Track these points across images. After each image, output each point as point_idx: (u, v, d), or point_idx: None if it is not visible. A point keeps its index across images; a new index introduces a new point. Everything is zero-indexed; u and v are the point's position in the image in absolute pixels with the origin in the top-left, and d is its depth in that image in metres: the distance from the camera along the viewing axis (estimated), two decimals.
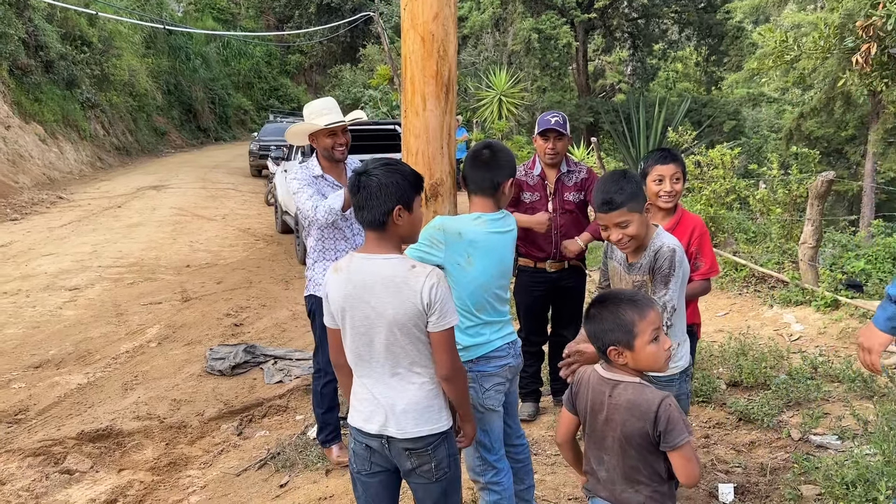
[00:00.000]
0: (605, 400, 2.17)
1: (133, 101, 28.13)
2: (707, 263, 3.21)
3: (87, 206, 15.32)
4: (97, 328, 7.19)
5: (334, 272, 2.39)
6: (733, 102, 22.03)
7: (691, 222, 3.22)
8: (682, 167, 3.23)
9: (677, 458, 2.12)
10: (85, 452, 4.62)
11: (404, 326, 2.28)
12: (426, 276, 2.27)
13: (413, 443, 2.34)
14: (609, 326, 2.16)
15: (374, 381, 2.37)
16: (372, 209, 2.29)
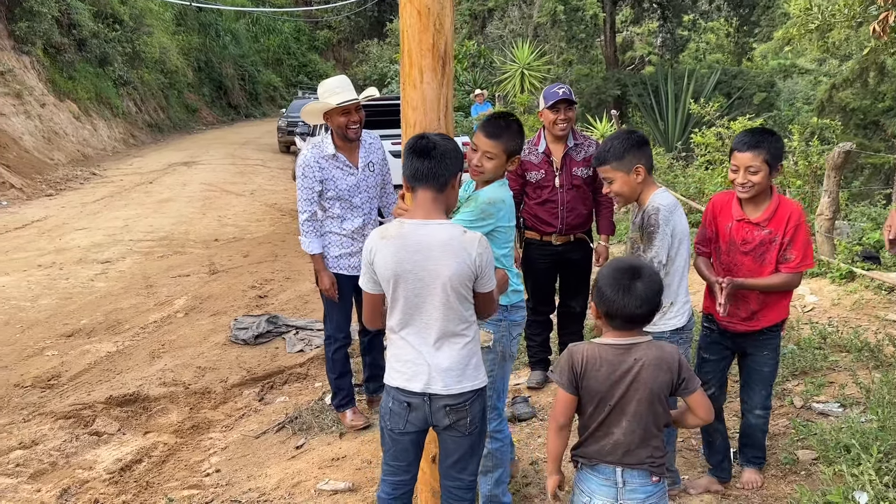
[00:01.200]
0: (628, 365, 2.20)
1: (164, 79, 28.47)
2: (798, 256, 2.98)
3: (120, 182, 15.68)
4: (127, 299, 7.44)
5: (382, 239, 2.47)
6: (765, 74, 21.59)
7: (787, 210, 2.98)
8: (765, 154, 2.88)
9: (697, 398, 2.29)
10: (113, 416, 4.85)
11: (456, 287, 2.43)
12: (478, 241, 2.45)
13: (454, 399, 2.50)
14: (660, 288, 2.27)
15: (422, 342, 2.49)
16: (443, 168, 2.44)
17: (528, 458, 3.77)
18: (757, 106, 19.12)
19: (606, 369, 2.22)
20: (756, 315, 3.09)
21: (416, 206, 2.50)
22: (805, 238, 2.98)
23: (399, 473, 2.65)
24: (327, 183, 4.08)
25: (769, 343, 3.16)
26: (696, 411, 2.29)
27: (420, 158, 2.44)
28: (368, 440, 4.20)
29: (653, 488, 2.26)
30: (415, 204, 2.51)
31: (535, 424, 4.19)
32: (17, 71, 18.53)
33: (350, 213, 4.15)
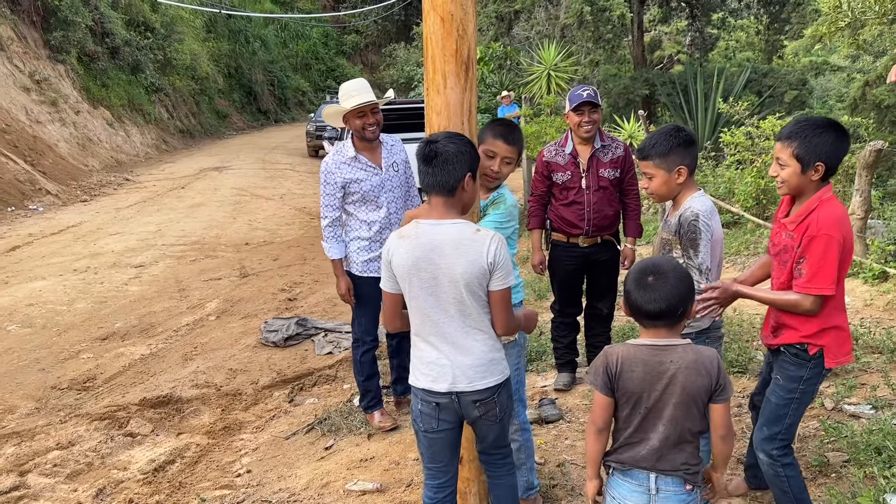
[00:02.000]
0: (665, 367, 2.18)
1: (195, 85, 28.92)
2: (807, 274, 2.54)
3: (152, 188, 15.95)
4: (160, 303, 7.58)
5: (399, 238, 2.53)
6: (796, 71, 21.26)
7: (814, 217, 2.54)
8: (794, 148, 2.55)
9: (726, 409, 2.25)
10: (147, 417, 4.94)
11: (469, 285, 2.46)
12: (490, 238, 2.47)
13: (480, 394, 2.55)
14: (685, 287, 2.22)
15: (442, 341, 2.54)
16: (447, 175, 2.47)
17: (555, 460, 3.78)
18: (788, 104, 18.83)
19: (642, 369, 2.19)
20: (778, 329, 2.76)
21: (430, 208, 2.55)
22: (821, 254, 2.50)
23: (439, 475, 2.70)
24: (351, 185, 4.13)
25: (784, 366, 2.72)
26: (715, 421, 2.24)
27: (425, 166, 2.49)
28: (396, 441, 4.24)
29: (686, 497, 2.22)
30: (430, 206, 2.56)
31: (561, 426, 4.19)
32: (53, 79, 18.96)
33: (375, 214, 4.20)
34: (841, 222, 2.52)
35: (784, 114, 16.03)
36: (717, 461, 2.33)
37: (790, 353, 2.68)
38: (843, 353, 2.66)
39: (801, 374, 2.66)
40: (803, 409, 2.72)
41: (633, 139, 12.26)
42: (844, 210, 2.60)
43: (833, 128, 2.54)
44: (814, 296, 2.53)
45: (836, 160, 2.54)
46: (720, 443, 2.27)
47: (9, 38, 17.63)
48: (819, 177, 2.54)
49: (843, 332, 2.65)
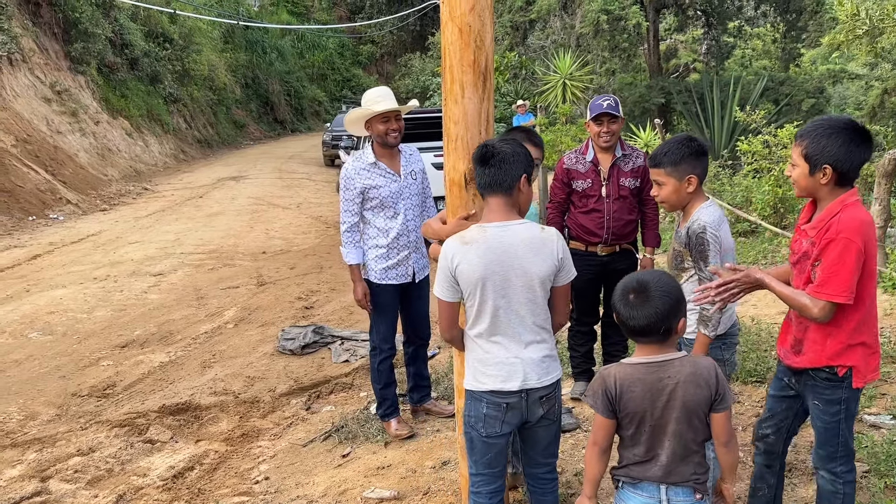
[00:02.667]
0: (664, 383, 2.16)
1: (213, 95, 29.21)
2: (820, 278, 2.40)
3: (171, 197, 16.11)
4: (179, 311, 7.65)
5: (464, 244, 2.52)
6: (813, 80, 21.17)
7: (835, 221, 2.41)
8: (803, 148, 2.44)
9: (726, 417, 2.23)
10: (166, 424, 4.99)
11: (544, 282, 2.54)
12: (556, 235, 2.59)
13: (547, 389, 2.60)
14: (668, 304, 2.17)
15: (512, 341, 2.57)
16: (504, 174, 2.52)
17: (573, 469, 3.78)
18: (806, 112, 18.74)
19: (641, 388, 2.18)
20: (801, 346, 2.58)
21: (490, 211, 2.58)
22: (836, 258, 2.35)
23: (493, 481, 2.71)
24: (370, 191, 4.18)
25: (818, 391, 2.56)
26: (716, 430, 2.23)
27: (482, 167, 2.53)
28: (413, 449, 4.25)
29: None
30: (488, 209, 2.59)
31: (578, 436, 4.19)
32: (73, 90, 19.23)
33: (393, 221, 4.23)
34: (863, 228, 2.37)
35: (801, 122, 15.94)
36: (726, 471, 2.31)
37: (820, 378, 2.53)
38: (870, 370, 2.53)
39: (838, 395, 2.51)
40: (852, 422, 2.59)
41: (648, 148, 12.24)
42: (869, 217, 2.45)
43: (848, 130, 2.37)
44: (823, 301, 2.35)
45: (846, 164, 2.36)
46: (725, 451, 2.27)
47: (30, 49, 17.90)
48: (828, 180, 2.39)
49: (870, 348, 2.50)
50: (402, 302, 4.40)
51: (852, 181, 2.44)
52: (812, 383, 2.56)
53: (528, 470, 2.79)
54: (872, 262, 2.42)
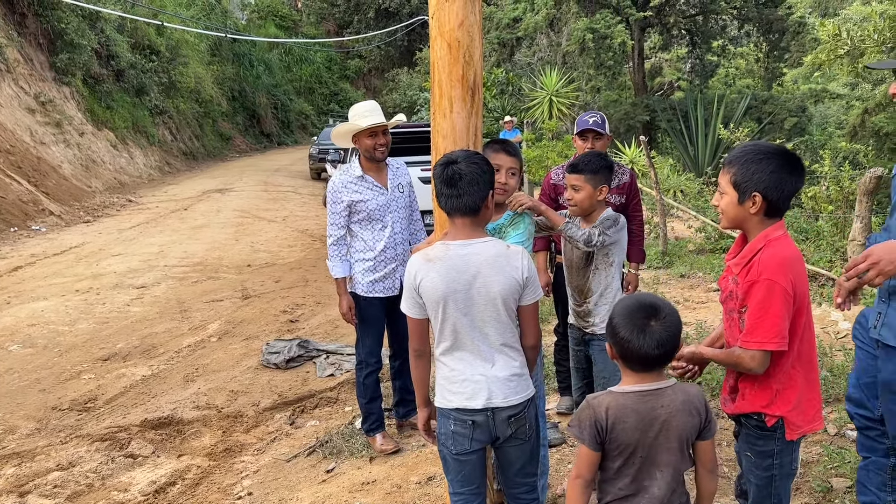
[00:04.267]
0: (657, 413, 2.07)
1: (199, 108, 29.16)
2: (747, 326, 2.23)
3: (155, 209, 16.02)
4: (162, 324, 7.58)
5: (427, 262, 2.50)
6: (795, 99, 21.48)
7: (757, 260, 2.25)
8: (731, 175, 2.30)
9: (713, 444, 2.17)
10: (147, 439, 4.93)
11: (506, 301, 2.50)
12: (521, 254, 2.54)
13: (514, 409, 2.55)
14: (680, 324, 2.10)
15: (476, 359, 2.54)
16: (472, 195, 2.48)
17: (559, 485, 3.76)
18: (788, 131, 18.99)
19: (634, 419, 2.06)
20: (736, 392, 2.41)
21: (455, 229, 2.55)
22: (762, 303, 2.18)
23: (471, 499, 2.67)
24: (358, 204, 4.18)
25: (750, 441, 2.39)
26: (702, 458, 2.17)
27: (449, 188, 2.48)
28: (398, 464, 4.22)
29: None
30: (454, 228, 2.56)
31: (565, 451, 4.18)
32: (58, 101, 19.12)
33: (381, 234, 4.23)
34: (787, 266, 2.19)
35: (784, 140, 16.16)
36: (704, 500, 2.24)
37: (751, 426, 2.35)
38: (807, 421, 2.32)
39: (770, 447, 2.33)
40: (789, 482, 2.41)
41: (634, 164, 12.34)
42: (796, 252, 2.26)
43: (778, 156, 2.22)
44: (754, 350, 2.19)
45: (776, 192, 2.20)
46: (709, 478, 2.20)
47: (15, 60, 17.81)
48: (757, 210, 2.23)
49: (802, 393, 2.29)
50: (388, 315, 4.39)
51: (782, 212, 2.27)
52: (745, 432, 2.39)
53: (507, 490, 2.75)
54: (804, 299, 2.25)
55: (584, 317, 3.50)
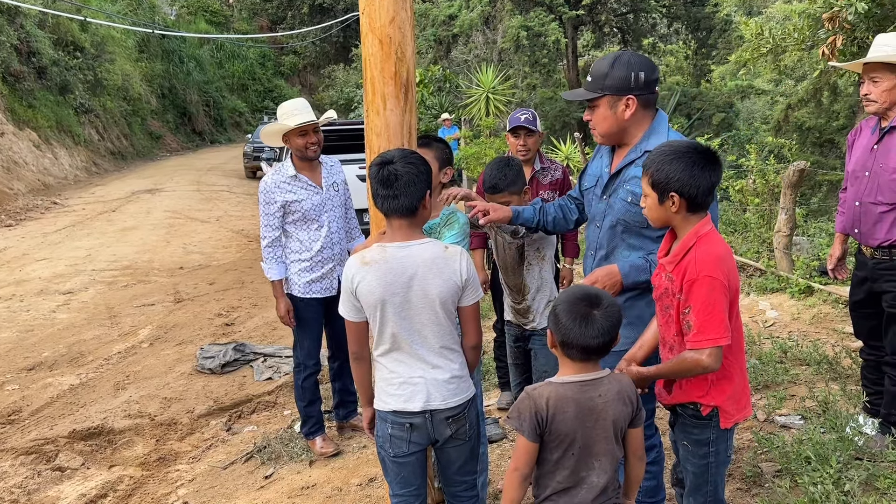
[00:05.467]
0: (594, 403, 2.10)
1: (127, 106, 28.22)
2: (696, 326, 2.23)
3: (82, 211, 15.44)
4: (90, 330, 7.31)
5: (364, 265, 2.45)
6: (723, 95, 22.14)
7: (691, 256, 2.27)
8: (648, 176, 2.31)
9: (642, 432, 2.22)
10: (76, 450, 4.75)
11: (445, 303, 2.46)
12: (460, 254, 2.51)
13: (453, 411, 2.53)
14: (621, 314, 2.15)
15: (416, 361, 2.51)
16: (409, 196, 2.43)
17: (500, 479, 3.78)
18: (716, 126, 19.56)
19: (574, 409, 2.08)
20: (672, 383, 2.45)
21: (392, 231, 2.50)
22: (705, 300, 2.20)
23: (411, 501, 2.64)
24: (292, 205, 4.09)
25: (687, 430, 2.43)
26: (632, 445, 2.21)
27: (386, 189, 2.43)
28: (339, 467, 4.17)
29: None
30: (391, 229, 2.51)
31: (505, 446, 4.20)
32: None
33: (317, 234, 4.16)
34: (722, 261, 2.24)
35: (712, 135, 16.62)
36: (633, 486, 2.29)
37: (687, 415, 2.40)
38: (739, 409, 2.39)
39: (706, 436, 2.38)
40: (723, 469, 2.48)
41: (569, 161, 12.51)
42: (726, 247, 2.33)
43: (690, 154, 2.25)
44: (709, 349, 2.20)
45: (693, 189, 2.23)
46: (638, 464, 2.25)
47: None
48: (678, 208, 2.26)
49: (736, 383, 2.36)
50: (326, 316, 4.33)
51: (705, 207, 2.30)
52: (682, 421, 2.44)
53: (446, 488, 2.74)
54: (736, 293, 2.32)
55: (524, 314, 3.52)
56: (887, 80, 3.41)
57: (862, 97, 3.50)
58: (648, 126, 2.68)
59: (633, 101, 2.62)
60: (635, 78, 2.61)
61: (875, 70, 3.44)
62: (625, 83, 2.61)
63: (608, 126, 2.69)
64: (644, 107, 2.66)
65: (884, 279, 3.51)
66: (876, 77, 3.44)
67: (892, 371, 3.56)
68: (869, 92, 3.46)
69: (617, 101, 2.63)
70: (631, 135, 2.69)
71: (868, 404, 3.72)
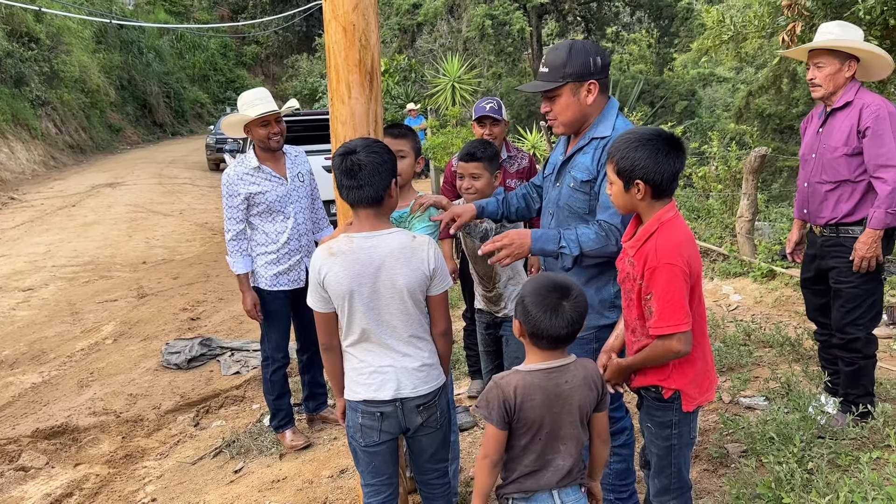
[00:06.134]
0: (561, 389, 2.12)
1: (85, 98, 27.55)
2: (657, 312, 2.24)
3: (41, 206, 15.08)
4: (52, 328, 7.17)
5: (331, 256, 2.43)
6: (685, 83, 22.39)
7: (652, 243, 2.28)
8: (617, 162, 2.30)
9: (606, 416, 2.25)
10: (40, 449, 4.66)
11: (413, 293, 2.45)
12: (428, 244, 2.49)
13: (424, 399, 2.53)
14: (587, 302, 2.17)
15: (385, 351, 2.49)
16: (373, 186, 2.41)
17: (471, 467, 3.79)
18: (679, 114, 19.79)
19: (542, 397, 2.11)
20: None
21: (359, 221, 2.49)
22: (667, 288, 2.21)
23: (383, 490, 2.64)
24: (256, 197, 4.03)
25: (650, 412, 2.45)
26: (597, 428, 2.25)
27: (350, 180, 2.41)
28: (309, 460, 4.15)
29: (584, 499, 2.27)
30: (357, 219, 2.50)
31: (476, 434, 4.22)
32: None
33: (283, 225, 4.11)
34: (681, 247, 2.25)
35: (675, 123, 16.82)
36: (597, 468, 2.33)
37: (650, 397, 2.42)
38: (701, 393, 2.40)
39: (669, 418, 2.40)
40: (688, 451, 2.50)
41: (535, 150, 12.55)
42: (688, 233, 2.33)
43: (654, 141, 2.26)
44: (677, 333, 2.22)
45: (658, 176, 2.24)
46: (602, 447, 2.29)
47: None
48: (643, 195, 2.27)
49: (698, 367, 2.38)
50: (294, 309, 4.29)
51: (669, 193, 2.32)
52: (646, 404, 2.45)
53: (418, 476, 2.75)
54: (698, 278, 2.34)
55: (496, 302, 3.52)
56: (830, 66, 3.55)
57: (809, 82, 3.63)
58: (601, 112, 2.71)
59: (595, 85, 2.66)
60: (594, 62, 2.65)
61: (819, 56, 3.58)
62: (585, 68, 2.64)
63: (572, 114, 2.70)
64: (602, 91, 2.70)
65: (830, 256, 3.66)
66: (820, 63, 3.58)
67: (841, 352, 3.68)
68: (814, 77, 3.61)
69: (579, 88, 2.66)
70: (590, 122, 2.72)
71: (829, 384, 3.81)
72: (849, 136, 3.51)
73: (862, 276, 3.55)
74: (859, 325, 3.61)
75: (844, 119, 3.55)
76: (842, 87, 3.57)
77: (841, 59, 3.52)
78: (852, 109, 3.53)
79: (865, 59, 3.55)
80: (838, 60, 3.52)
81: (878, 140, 3.43)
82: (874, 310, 3.64)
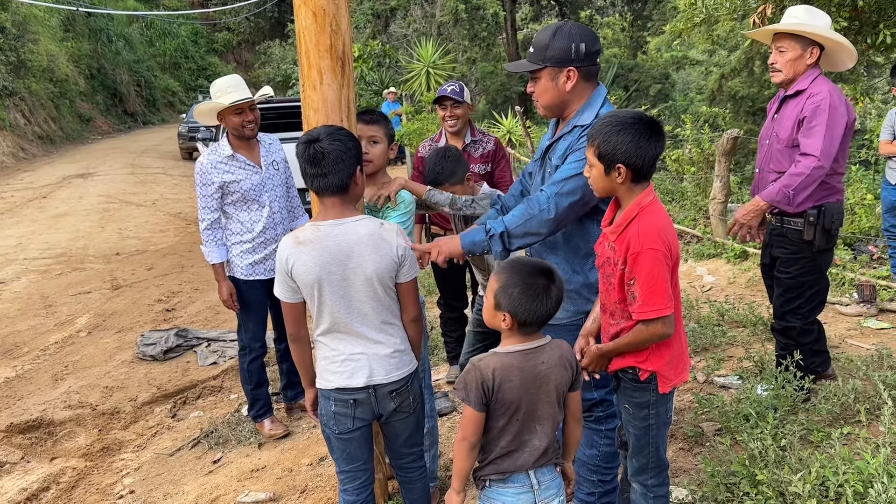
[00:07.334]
0: (538, 370, 2.15)
1: (54, 88, 27.05)
2: (641, 297, 2.25)
3: (10, 199, 14.82)
4: (24, 321, 7.07)
5: (298, 245, 2.42)
6: (659, 66, 22.48)
7: (634, 228, 2.28)
8: (599, 145, 2.29)
9: (580, 395, 2.29)
10: (15, 444, 4.61)
11: (382, 279, 2.46)
12: (396, 231, 2.50)
13: (396, 384, 2.55)
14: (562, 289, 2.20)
15: (356, 338, 2.50)
16: (338, 174, 2.40)
17: (450, 452, 3.81)
18: (653, 97, 19.89)
19: (519, 378, 2.13)
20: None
21: (325, 209, 2.47)
22: (650, 273, 2.23)
23: (358, 476, 2.64)
24: (230, 185, 3.99)
25: (628, 393, 2.46)
26: (571, 408, 2.28)
27: (313, 168, 2.40)
28: (288, 448, 4.15)
29: (559, 479, 2.30)
30: (323, 207, 2.48)
31: (455, 418, 4.24)
32: None
33: (258, 214, 4.07)
34: (662, 232, 2.27)
35: (649, 106, 16.91)
36: (571, 448, 2.36)
37: (627, 379, 2.43)
38: (677, 374, 2.43)
39: (646, 398, 2.43)
40: (664, 431, 2.52)
41: (511, 134, 12.55)
42: (667, 217, 2.36)
43: (636, 125, 2.25)
44: (662, 318, 2.26)
45: (639, 160, 2.24)
46: (576, 426, 2.32)
47: None
48: (623, 179, 2.27)
49: (674, 349, 2.40)
50: (270, 298, 4.25)
51: (648, 176, 2.33)
52: (623, 386, 2.47)
53: (394, 461, 2.77)
54: (676, 261, 2.37)
55: None
56: (792, 51, 3.52)
57: (770, 66, 3.60)
58: (587, 100, 2.69)
59: (574, 72, 2.60)
60: (576, 49, 2.59)
61: (782, 40, 3.55)
62: (565, 54, 2.60)
63: (550, 98, 2.68)
64: (585, 79, 2.64)
65: (775, 245, 3.71)
66: (782, 47, 3.55)
67: (778, 336, 3.76)
68: (775, 61, 3.58)
69: (558, 73, 2.62)
70: (572, 108, 2.69)
71: (801, 362, 3.87)
72: (793, 127, 3.50)
73: (800, 268, 3.59)
74: (798, 315, 3.66)
75: (794, 108, 3.53)
76: (801, 74, 3.53)
77: (804, 44, 3.49)
78: (801, 98, 3.50)
79: (829, 47, 3.52)
80: (801, 46, 3.49)
81: (809, 131, 3.41)
82: (815, 301, 3.68)
